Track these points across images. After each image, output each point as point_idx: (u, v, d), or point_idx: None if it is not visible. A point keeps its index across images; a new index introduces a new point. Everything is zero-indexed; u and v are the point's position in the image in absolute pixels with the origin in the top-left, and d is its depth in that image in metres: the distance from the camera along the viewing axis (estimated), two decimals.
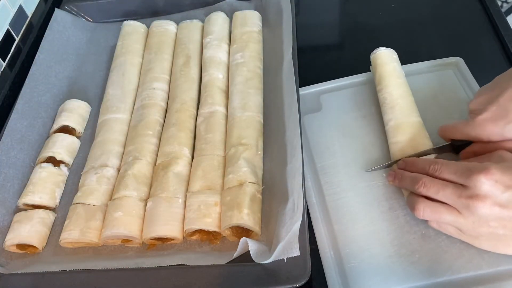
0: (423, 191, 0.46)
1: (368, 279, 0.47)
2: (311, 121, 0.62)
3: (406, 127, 0.55)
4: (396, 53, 0.62)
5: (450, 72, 0.63)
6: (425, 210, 0.46)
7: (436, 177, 0.46)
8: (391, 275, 0.47)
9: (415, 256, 0.48)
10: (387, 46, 0.61)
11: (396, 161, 0.54)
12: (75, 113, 0.65)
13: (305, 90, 0.65)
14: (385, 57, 0.60)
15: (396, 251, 0.49)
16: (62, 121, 0.64)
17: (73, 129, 0.64)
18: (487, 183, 0.42)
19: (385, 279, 0.47)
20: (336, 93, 0.64)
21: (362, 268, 0.48)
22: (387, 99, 0.58)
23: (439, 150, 0.53)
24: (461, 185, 0.44)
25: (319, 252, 0.50)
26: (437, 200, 0.45)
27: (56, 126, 0.64)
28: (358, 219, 0.52)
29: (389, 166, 0.55)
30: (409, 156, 0.53)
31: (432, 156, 0.53)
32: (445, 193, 0.44)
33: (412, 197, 0.48)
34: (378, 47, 0.62)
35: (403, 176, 0.50)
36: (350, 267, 0.48)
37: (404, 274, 0.47)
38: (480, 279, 0.45)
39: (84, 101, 0.67)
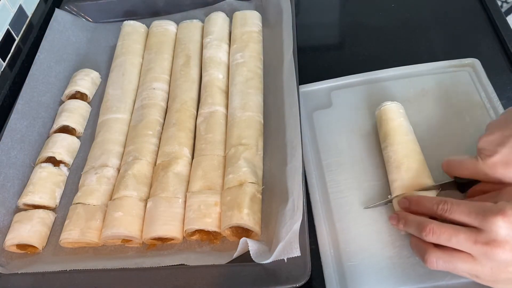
0: (432, 238, 0.42)
1: (367, 279, 0.47)
2: (320, 117, 0.61)
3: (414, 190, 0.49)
4: (403, 107, 0.57)
5: (465, 74, 0.62)
6: (438, 262, 0.42)
7: (445, 218, 0.43)
8: (390, 276, 0.47)
9: (416, 259, 0.47)
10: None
11: (396, 196, 0.49)
12: (75, 113, 0.65)
13: (317, 86, 0.64)
14: (391, 112, 0.56)
15: (397, 252, 0.48)
16: (62, 121, 0.64)
17: (73, 129, 0.64)
18: (505, 226, 0.38)
19: (383, 280, 0.47)
20: (348, 89, 0.63)
21: (361, 267, 0.48)
22: (392, 157, 0.52)
23: (441, 187, 0.49)
24: (474, 227, 0.40)
25: (319, 251, 0.50)
26: (447, 246, 0.42)
27: (56, 126, 0.64)
28: (360, 218, 0.51)
29: (389, 202, 0.51)
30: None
31: (433, 193, 0.49)
32: (458, 240, 0.40)
33: (420, 245, 0.44)
34: (383, 101, 0.57)
35: (407, 219, 0.46)
36: (349, 266, 0.48)
37: (403, 276, 0.47)
38: (479, 285, 0.44)
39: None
